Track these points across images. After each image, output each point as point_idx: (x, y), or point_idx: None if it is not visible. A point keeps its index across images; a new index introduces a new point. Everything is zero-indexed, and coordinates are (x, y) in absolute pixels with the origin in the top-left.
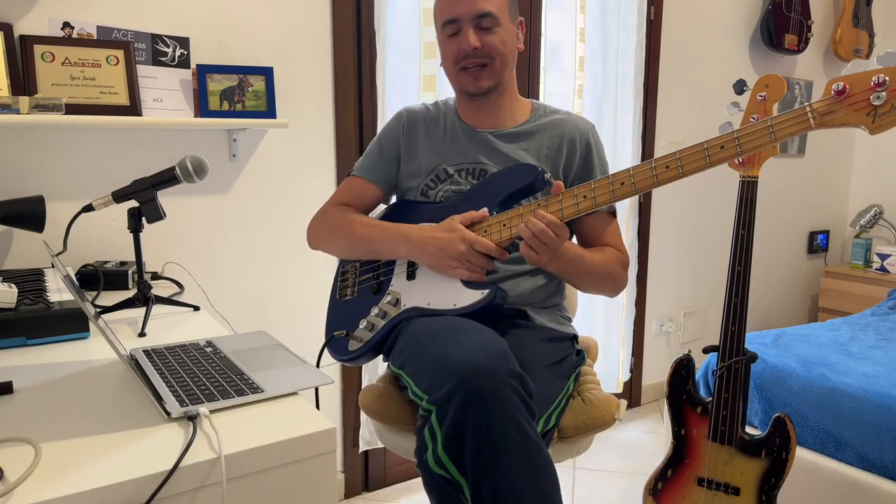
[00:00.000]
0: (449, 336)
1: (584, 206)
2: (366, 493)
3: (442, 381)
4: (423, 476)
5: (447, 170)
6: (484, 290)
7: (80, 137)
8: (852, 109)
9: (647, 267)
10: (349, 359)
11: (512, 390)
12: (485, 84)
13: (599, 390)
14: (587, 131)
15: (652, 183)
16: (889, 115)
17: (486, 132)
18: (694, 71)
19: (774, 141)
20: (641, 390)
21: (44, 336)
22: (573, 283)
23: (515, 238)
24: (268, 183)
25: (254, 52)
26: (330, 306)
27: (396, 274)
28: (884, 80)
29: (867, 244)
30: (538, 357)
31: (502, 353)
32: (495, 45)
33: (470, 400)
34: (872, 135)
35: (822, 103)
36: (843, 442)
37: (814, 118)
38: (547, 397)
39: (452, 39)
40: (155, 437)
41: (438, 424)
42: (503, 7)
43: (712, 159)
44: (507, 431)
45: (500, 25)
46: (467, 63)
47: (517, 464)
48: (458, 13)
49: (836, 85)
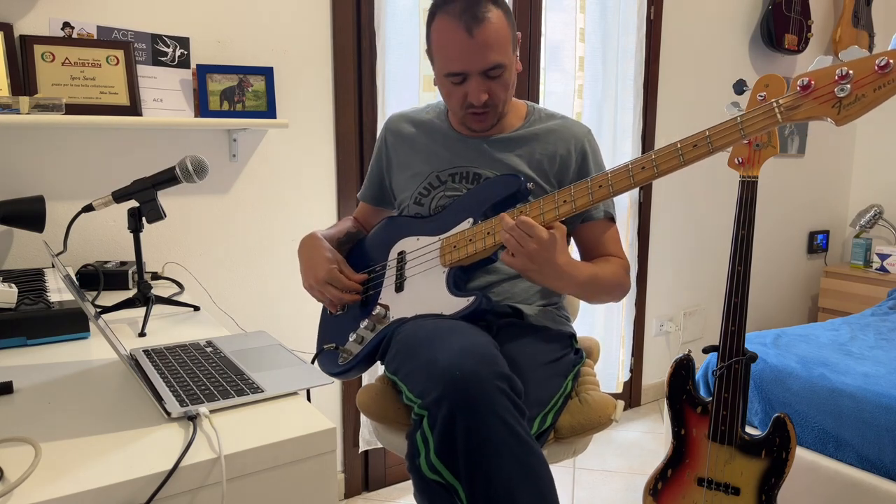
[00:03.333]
0: (437, 340)
1: (564, 210)
2: (366, 493)
3: (431, 387)
4: (414, 480)
5: (440, 176)
6: (469, 298)
7: (80, 137)
8: (818, 102)
9: (647, 267)
10: (339, 373)
11: (500, 392)
12: (489, 124)
13: (597, 391)
14: (583, 137)
15: (629, 184)
16: (854, 106)
17: (478, 139)
18: (694, 71)
19: (744, 137)
20: (641, 390)
21: (44, 336)
22: (584, 300)
23: (500, 245)
24: (268, 183)
25: (254, 52)
26: (321, 321)
27: (385, 287)
28: (847, 72)
29: (867, 244)
30: (533, 355)
31: (489, 356)
32: (500, 92)
33: (458, 405)
34: (838, 125)
35: (789, 98)
36: (843, 442)
37: (780, 112)
38: (543, 396)
39: (457, 87)
40: (155, 437)
41: (430, 430)
42: (508, 47)
43: (686, 158)
44: (498, 434)
45: (507, 69)
46: (475, 110)
47: (510, 465)
48: (465, 68)
49: (801, 80)
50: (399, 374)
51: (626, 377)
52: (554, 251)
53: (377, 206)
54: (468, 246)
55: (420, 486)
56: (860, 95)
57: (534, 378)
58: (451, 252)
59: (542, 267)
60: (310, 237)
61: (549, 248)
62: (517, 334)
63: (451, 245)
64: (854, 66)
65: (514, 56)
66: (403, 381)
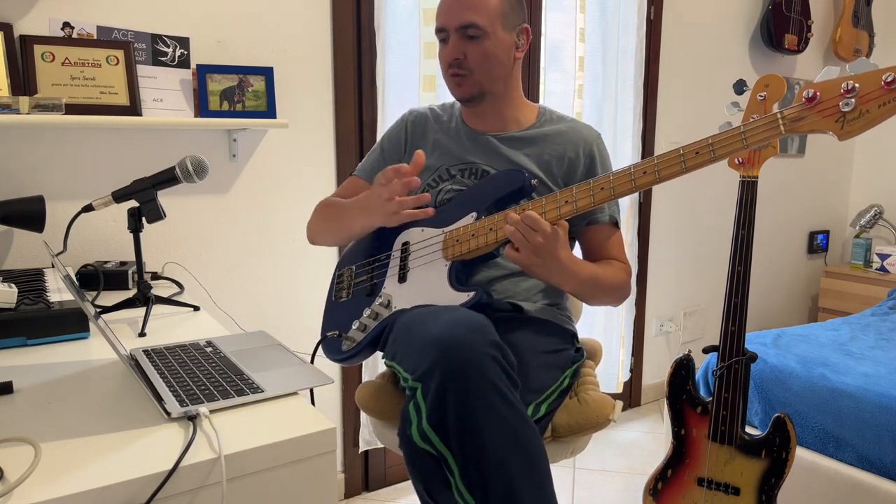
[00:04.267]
0: (431, 317)
1: (565, 210)
2: (366, 493)
3: (424, 358)
4: (405, 453)
5: (449, 170)
6: (470, 292)
7: (80, 137)
8: (821, 116)
9: (647, 267)
10: (343, 359)
11: (492, 360)
12: (465, 92)
13: (596, 391)
14: (592, 141)
15: (630, 188)
16: (857, 122)
17: (488, 135)
18: (694, 71)
19: (747, 147)
20: (641, 390)
21: (44, 336)
22: (584, 299)
23: (502, 241)
24: (268, 183)
25: (254, 52)
26: (326, 307)
27: (388, 276)
28: (853, 86)
29: (867, 244)
30: (532, 343)
31: (480, 325)
32: (477, 56)
33: (451, 371)
34: (841, 140)
35: (793, 110)
36: (843, 442)
37: (784, 124)
38: (538, 383)
39: (443, 46)
40: (155, 437)
41: (423, 399)
42: (494, 16)
43: (687, 165)
44: (490, 400)
45: (487, 35)
46: (453, 71)
47: (501, 432)
48: (444, 22)
49: (807, 92)
50: (396, 357)
51: (626, 377)
52: (557, 245)
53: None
54: (470, 241)
55: (410, 457)
56: (864, 111)
57: (530, 365)
58: (453, 246)
59: (546, 261)
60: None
61: (552, 242)
62: (517, 325)
63: (453, 239)
64: (861, 80)
65: (502, 27)
66: (400, 362)
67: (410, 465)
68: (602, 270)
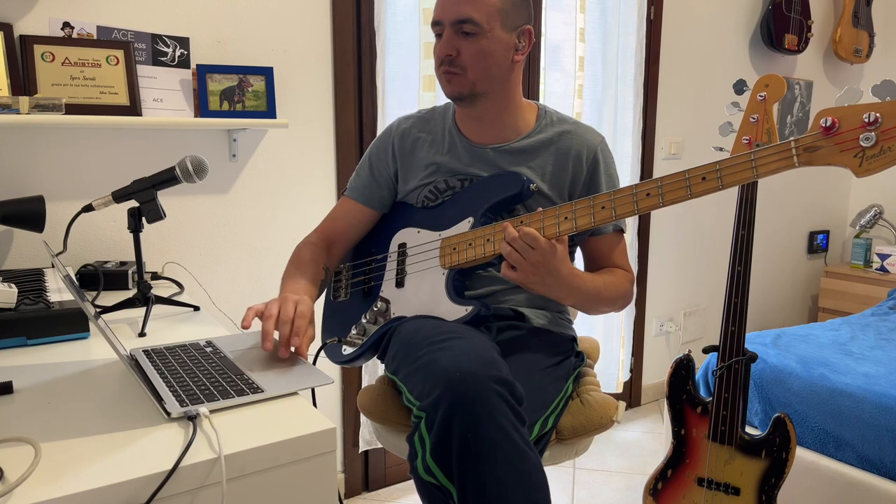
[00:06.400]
0: (438, 342)
1: (564, 228)
2: (366, 493)
3: (430, 389)
4: (415, 482)
5: (448, 181)
6: (468, 307)
7: (80, 137)
8: (839, 149)
9: (647, 267)
10: (344, 362)
11: (498, 397)
12: (455, 89)
13: (598, 392)
14: (595, 146)
15: (632, 210)
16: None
17: (487, 148)
18: (694, 71)
19: (756, 177)
20: (641, 390)
21: (44, 336)
22: (585, 311)
23: (499, 253)
24: (268, 183)
25: (254, 52)
26: (325, 306)
27: (386, 280)
28: (876, 118)
29: (867, 244)
30: (534, 360)
31: (490, 360)
32: (471, 54)
33: (456, 407)
34: (858, 177)
35: (809, 139)
36: (843, 442)
37: (798, 155)
38: (544, 400)
39: (437, 41)
40: (155, 437)
41: (427, 432)
42: (493, 13)
43: (693, 190)
44: (493, 438)
45: (484, 33)
46: (444, 68)
47: (503, 471)
48: (440, 15)
49: (825, 120)
50: (399, 374)
51: (627, 377)
52: (555, 261)
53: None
54: (467, 250)
55: (420, 488)
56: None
57: (535, 384)
58: (450, 254)
59: (545, 278)
60: (290, 261)
61: (551, 258)
62: (518, 340)
63: (450, 246)
64: (883, 111)
65: (501, 26)
66: (404, 381)
67: (420, 494)
68: (604, 282)
